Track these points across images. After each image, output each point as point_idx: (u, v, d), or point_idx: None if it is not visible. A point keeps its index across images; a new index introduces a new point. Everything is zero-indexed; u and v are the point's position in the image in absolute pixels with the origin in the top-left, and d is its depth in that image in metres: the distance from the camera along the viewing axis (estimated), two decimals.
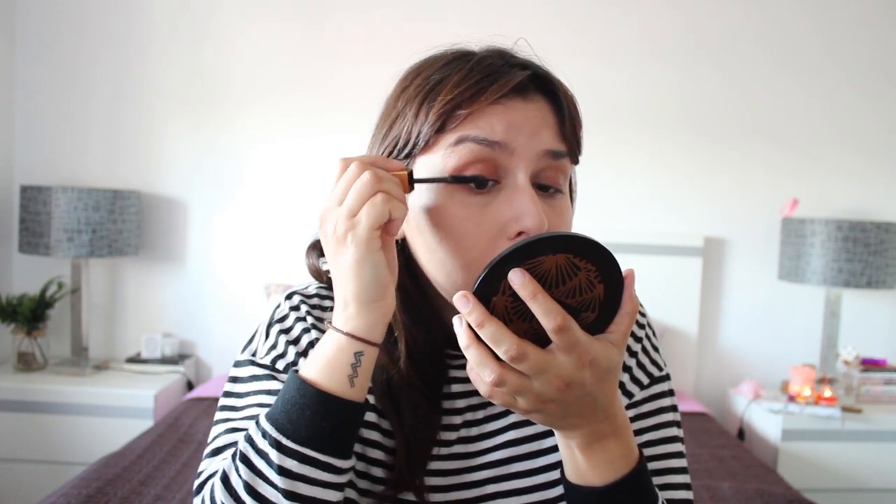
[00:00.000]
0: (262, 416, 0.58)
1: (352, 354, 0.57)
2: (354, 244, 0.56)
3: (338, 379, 0.57)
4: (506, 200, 0.59)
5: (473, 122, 0.59)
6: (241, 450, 0.58)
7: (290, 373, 0.59)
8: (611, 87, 2.58)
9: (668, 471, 0.68)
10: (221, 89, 2.54)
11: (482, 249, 0.59)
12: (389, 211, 0.56)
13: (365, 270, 0.56)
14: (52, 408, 2.17)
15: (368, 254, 0.56)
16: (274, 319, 0.71)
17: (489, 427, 0.70)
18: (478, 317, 0.52)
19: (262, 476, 0.56)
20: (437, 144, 0.61)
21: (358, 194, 0.56)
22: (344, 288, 0.58)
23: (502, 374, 0.52)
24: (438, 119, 0.60)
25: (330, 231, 0.57)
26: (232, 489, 0.57)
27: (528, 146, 0.60)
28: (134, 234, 2.39)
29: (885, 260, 2.29)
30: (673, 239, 2.57)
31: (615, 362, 0.54)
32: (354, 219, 0.56)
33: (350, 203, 0.56)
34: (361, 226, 0.56)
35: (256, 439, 0.57)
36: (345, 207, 0.56)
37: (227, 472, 0.58)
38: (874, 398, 2.41)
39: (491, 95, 0.59)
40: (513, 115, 0.60)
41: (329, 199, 0.58)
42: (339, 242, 0.57)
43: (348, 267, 0.57)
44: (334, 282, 0.59)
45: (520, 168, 0.60)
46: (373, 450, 0.67)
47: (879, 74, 2.64)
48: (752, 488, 1.70)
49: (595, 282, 0.53)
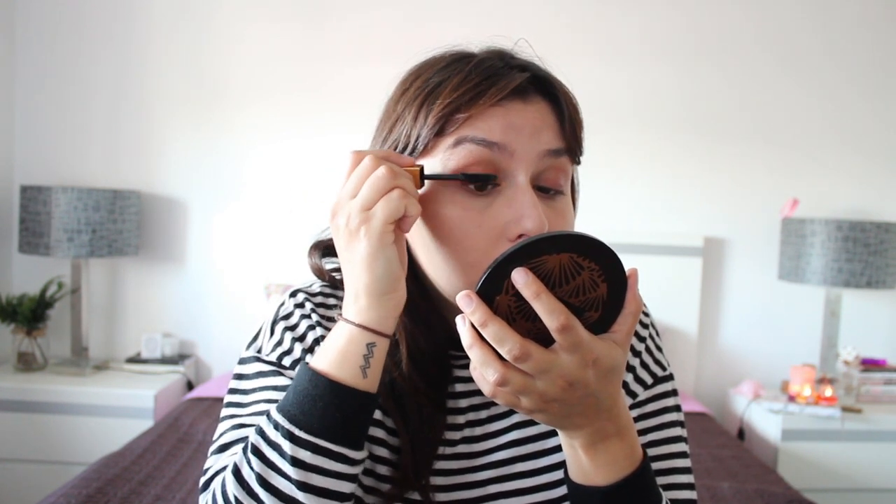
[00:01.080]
0: (272, 409, 0.58)
1: (364, 346, 0.57)
2: (368, 238, 0.56)
3: (350, 370, 0.57)
4: (506, 202, 0.59)
5: (472, 124, 0.59)
6: (253, 442, 0.57)
7: (301, 365, 0.59)
8: (611, 87, 2.58)
9: (672, 471, 0.68)
10: (221, 89, 2.54)
11: (483, 251, 0.59)
12: (405, 207, 0.56)
13: (378, 264, 0.56)
14: (52, 408, 2.17)
15: (381, 248, 0.56)
16: (279, 316, 0.71)
17: (493, 427, 0.70)
18: (481, 316, 0.52)
19: (274, 468, 0.56)
20: (437, 147, 0.61)
21: (373, 188, 0.56)
22: (356, 280, 0.58)
23: (506, 374, 0.52)
24: (438, 122, 0.60)
25: (343, 224, 0.57)
26: (244, 482, 0.57)
27: (528, 148, 0.60)
28: (134, 234, 2.39)
29: (885, 260, 2.29)
30: (673, 239, 2.57)
31: (618, 362, 0.54)
32: (369, 212, 0.56)
33: (365, 196, 0.56)
34: (376, 219, 0.56)
35: (268, 431, 0.57)
36: (359, 200, 0.56)
37: (239, 466, 0.58)
38: (874, 398, 2.41)
39: (490, 98, 0.59)
40: (512, 117, 0.60)
41: (342, 192, 0.58)
42: (352, 235, 0.57)
43: (361, 260, 0.57)
44: (345, 274, 0.59)
45: (520, 170, 0.60)
46: (377, 447, 0.67)
47: (879, 74, 2.64)
48: (752, 488, 1.70)
49: (598, 281, 0.53)
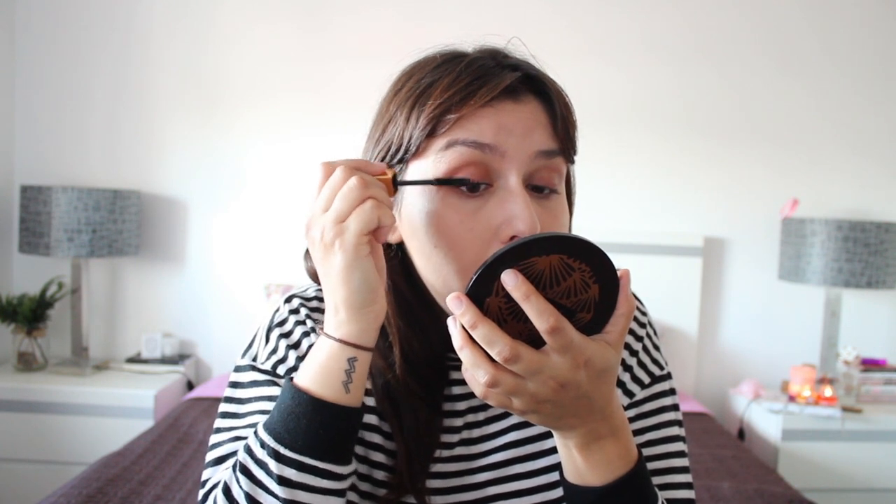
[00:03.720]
0: (259, 426, 0.58)
1: (345, 360, 0.57)
2: (342, 250, 0.55)
3: (332, 385, 0.57)
4: (498, 204, 0.59)
5: (463, 125, 0.59)
6: (241, 461, 0.58)
7: (285, 382, 0.59)
8: (611, 87, 2.58)
9: (670, 470, 0.68)
10: (221, 89, 2.54)
11: (476, 253, 0.58)
12: (379, 217, 0.55)
13: (355, 276, 0.56)
14: (52, 408, 2.17)
15: (357, 260, 0.55)
16: (274, 323, 0.71)
17: (491, 429, 0.70)
18: (471, 318, 0.51)
19: (262, 486, 0.56)
20: (429, 149, 0.60)
21: (345, 200, 0.55)
22: (334, 294, 0.57)
23: (496, 376, 0.52)
24: (429, 123, 0.59)
25: (317, 237, 0.56)
26: (234, 500, 0.57)
27: (520, 148, 0.59)
28: (134, 234, 2.39)
29: (885, 260, 2.29)
30: (673, 239, 2.57)
31: (611, 363, 0.54)
32: (342, 225, 0.55)
33: (337, 209, 0.55)
34: (350, 232, 0.55)
35: (255, 449, 0.57)
36: (332, 213, 0.55)
37: (229, 484, 0.58)
38: (874, 398, 2.41)
39: (480, 99, 0.58)
40: (503, 118, 0.59)
41: (315, 206, 0.57)
42: (327, 249, 0.56)
43: (337, 273, 0.56)
44: (324, 288, 0.58)
45: (511, 170, 0.59)
46: (374, 452, 0.67)
47: (879, 74, 2.64)
48: (752, 488, 1.70)
49: (590, 282, 0.53)
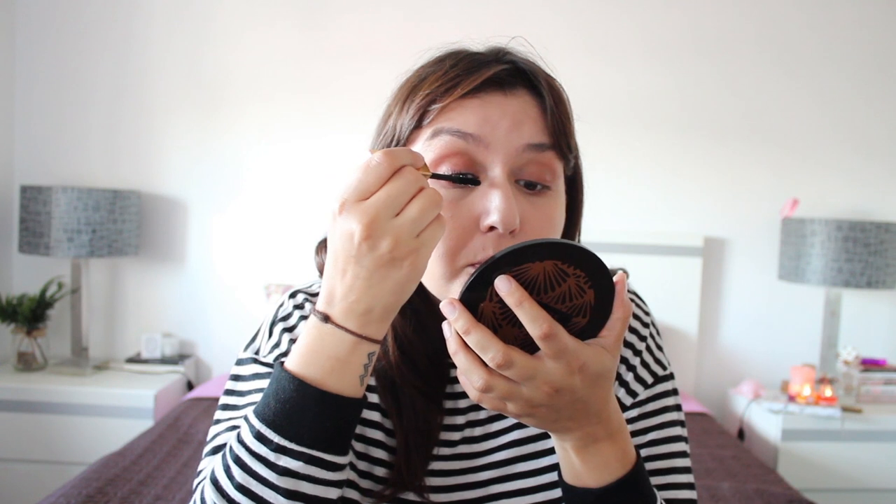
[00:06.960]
0: (252, 417, 0.56)
1: (366, 356, 0.55)
2: (413, 267, 0.52)
3: (349, 380, 0.55)
4: (480, 194, 0.59)
5: (449, 115, 0.60)
6: (235, 451, 0.55)
7: (280, 371, 0.56)
8: (611, 87, 2.58)
9: (672, 470, 0.68)
10: (221, 89, 2.54)
11: (456, 239, 0.58)
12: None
13: (409, 288, 0.54)
14: (52, 408, 2.17)
15: (420, 276, 0.53)
16: (277, 318, 0.71)
17: (493, 427, 0.70)
18: (464, 324, 0.51)
19: (257, 477, 0.54)
20: (418, 139, 0.61)
21: (425, 214, 0.51)
22: (375, 298, 0.53)
23: (490, 380, 0.52)
24: (417, 113, 0.61)
25: (385, 248, 0.50)
26: (223, 490, 0.55)
27: (506, 140, 0.59)
28: (134, 234, 2.39)
29: (885, 260, 2.29)
30: (673, 239, 2.57)
31: (607, 367, 0.54)
32: (419, 239, 0.52)
33: (417, 220, 0.51)
34: (426, 249, 0.52)
35: (249, 441, 0.55)
36: (410, 224, 0.51)
37: (217, 475, 0.56)
38: (874, 398, 2.41)
39: (463, 89, 0.59)
40: (489, 110, 0.59)
41: (377, 206, 0.50)
42: (395, 261, 0.51)
43: (395, 283, 0.52)
44: (356, 286, 0.53)
45: (496, 162, 0.59)
46: (376, 449, 0.67)
47: (879, 74, 2.64)
48: (752, 488, 1.70)
49: (585, 287, 0.53)
